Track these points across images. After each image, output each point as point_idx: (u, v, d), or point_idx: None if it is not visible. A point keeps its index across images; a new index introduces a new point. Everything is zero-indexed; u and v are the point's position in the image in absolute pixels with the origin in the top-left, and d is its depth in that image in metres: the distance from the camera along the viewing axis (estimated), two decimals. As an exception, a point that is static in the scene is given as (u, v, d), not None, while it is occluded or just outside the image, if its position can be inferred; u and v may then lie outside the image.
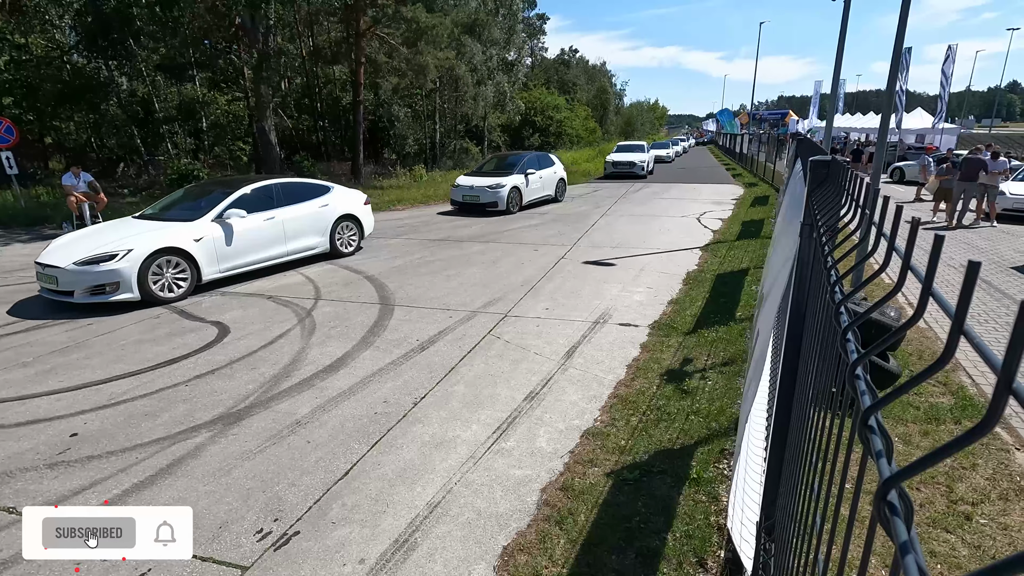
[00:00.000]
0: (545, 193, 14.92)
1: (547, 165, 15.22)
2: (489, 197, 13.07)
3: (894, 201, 0.80)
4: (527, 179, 13.92)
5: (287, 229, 8.03)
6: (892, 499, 0.43)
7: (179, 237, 6.75)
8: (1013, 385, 0.30)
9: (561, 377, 4.51)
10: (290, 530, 2.82)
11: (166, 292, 6.59)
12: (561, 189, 15.75)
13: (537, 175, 14.36)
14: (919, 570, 0.36)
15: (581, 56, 54.03)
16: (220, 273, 7.19)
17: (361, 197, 9.49)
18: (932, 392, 4.11)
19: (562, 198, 15.66)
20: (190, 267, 6.83)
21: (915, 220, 0.64)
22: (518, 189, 13.53)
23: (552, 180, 15.26)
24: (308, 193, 8.59)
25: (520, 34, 35.51)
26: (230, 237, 7.25)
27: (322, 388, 4.35)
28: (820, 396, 1.09)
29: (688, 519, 2.85)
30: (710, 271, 7.67)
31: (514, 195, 13.37)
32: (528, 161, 14.41)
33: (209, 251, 7.02)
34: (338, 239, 8.86)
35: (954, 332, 0.40)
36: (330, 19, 21.21)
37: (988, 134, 40.17)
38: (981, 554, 2.61)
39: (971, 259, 0.38)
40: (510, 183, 13.28)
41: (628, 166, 22.30)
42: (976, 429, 0.34)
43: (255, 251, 7.61)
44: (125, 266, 6.24)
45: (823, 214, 1.68)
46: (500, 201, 13.02)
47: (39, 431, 3.80)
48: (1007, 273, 7.39)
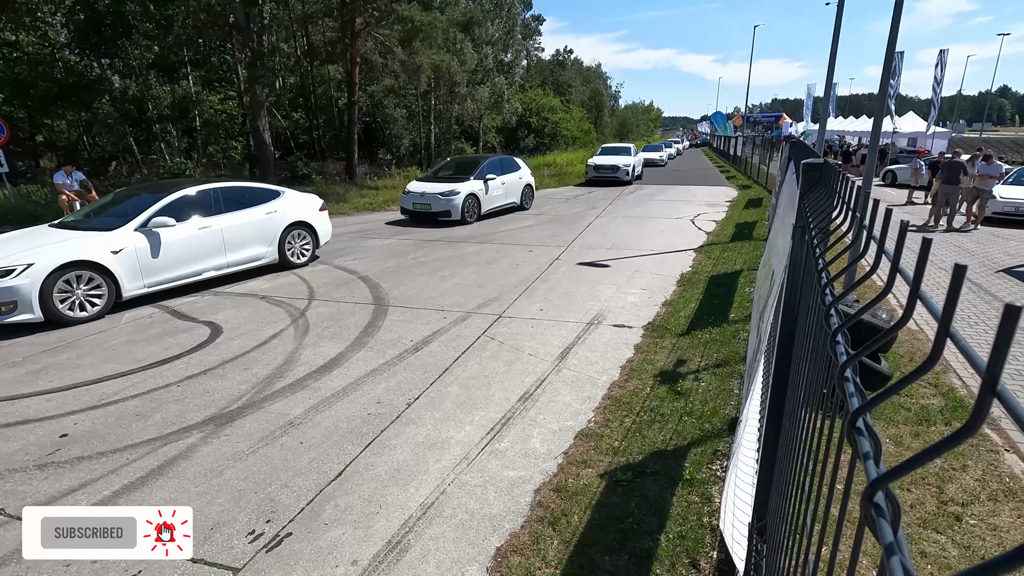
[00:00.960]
0: (509, 201, 13.56)
1: (511, 170, 13.79)
2: (441, 206, 11.74)
3: (886, 204, 0.81)
4: (487, 185, 12.55)
5: (227, 239, 7.27)
6: (879, 500, 0.43)
7: (93, 249, 5.97)
8: (997, 387, 0.31)
9: (555, 378, 4.52)
10: (282, 531, 2.80)
11: (76, 311, 5.83)
12: (528, 196, 14.30)
13: (499, 181, 12.99)
14: (904, 570, 0.36)
15: (576, 57, 54.26)
16: (145, 289, 6.45)
17: (316, 202, 8.75)
18: (923, 394, 4.14)
19: (529, 205, 14.31)
20: (107, 282, 6.07)
21: (904, 223, 0.65)
22: (475, 196, 12.24)
23: (517, 186, 13.83)
24: (253, 199, 7.81)
25: (517, 35, 35.67)
26: (157, 248, 6.48)
27: (315, 389, 4.33)
28: (811, 397, 1.10)
29: (681, 520, 2.85)
30: (704, 273, 7.70)
31: (471, 203, 12.11)
32: (489, 165, 12.98)
33: (131, 264, 6.26)
34: (288, 249, 8.13)
35: (940, 334, 0.40)
36: (325, 19, 21.17)
37: (979, 138, 40.58)
38: (971, 555, 2.63)
39: (957, 263, 0.39)
40: (466, 190, 11.97)
41: (611, 171, 20.24)
42: (962, 431, 0.34)
43: (188, 263, 6.86)
44: (23, 283, 5.48)
45: (815, 216, 1.69)
46: (454, 210, 11.70)
47: (29, 432, 3.76)
48: (996, 276, 7.47)
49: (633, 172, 20.70)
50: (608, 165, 20.38)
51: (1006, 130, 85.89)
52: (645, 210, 14.06)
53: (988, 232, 10.79)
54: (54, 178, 10.92)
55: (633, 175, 20.70)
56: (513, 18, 35.49)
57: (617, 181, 20.21)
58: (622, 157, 20.92)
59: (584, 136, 41.49)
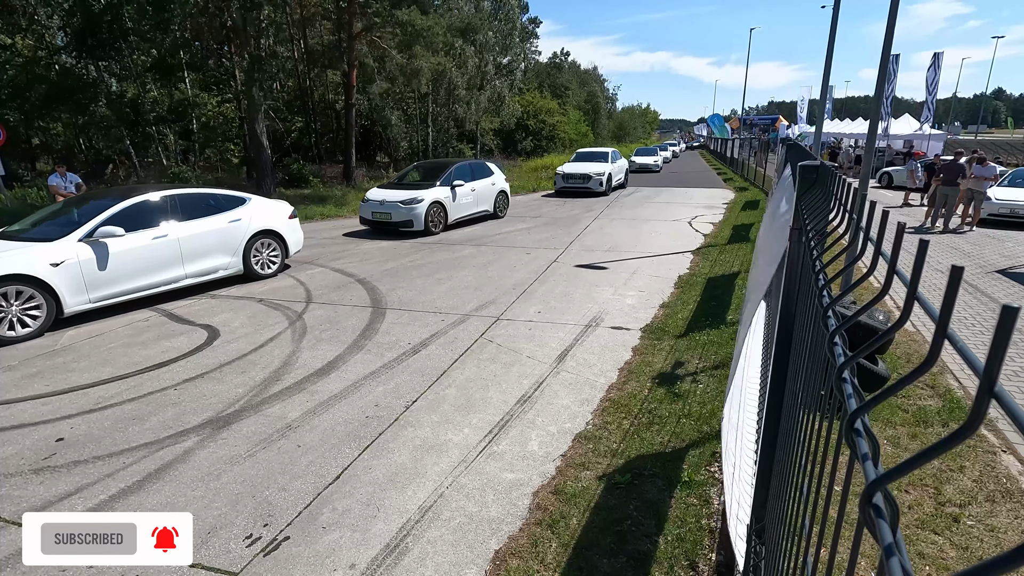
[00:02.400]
0: (480, 209, 12.59)
1: (483, 175, 12.80)
2: (402, 215, 10.72)
3: (882, 206, 0.81)
4: (454, 192, 11.60)
5: (184, 249, 6.84)
6: (877, 501, 0.43)
7: (28, 262, 5.52)
8: (995, 388, 0.31)
9: (553, 380, 4.51)
10: (280, 535, 2.79)
11: (5, 330, 5.41)
12: (502, 203, 13.30)
13: (468, 187, 12.05)
14: (904, 571, 0.36)
15: (573, 60, 54.49)
16: (90, 304, 6.01)
17: (286, 209, 8.34)
18: (920, 395, 4.15)
19: (503, 214, 13.33)
20: (46, 298, 5.64)
21: (901, 224, 0.65)
22: (441, 205, 11.22)
23: (489, 193, 12.83)
24: (215, 206, 7.42)
25: (516, 39, 35.86)
26: (104, 260, 6.04)
27: (313, 392, 4.32)
28: (809, 399, 1.10)
29: (680, 522, 2.85)
30: (701, 275, 7.71)
31: (436, 212, 11.09)
32: (457, 171, 12.05)
33: (74, 277, 5.81)
34: (255, 258, 7.73)
35: (938, 336, 0.40)
36: (323, 22, 21.18)
37: (974, 140, 40.81)
38: (969, 555, 2.63)
39: (954, 264, 0.39)
40: (430, 197, 10.94)
41: (581, 180, 17.84)
42: (960, 432, 0.34)
43: (141, 276, 6.41)
44: None
45: (812, 218, 1.70)
46: (416, 220, 10.70)
47: (24, 436, 3.74)
48: (993, 277, 7.50)
49: (608, 182, 18.06)
50: (578, 174, 18.02)
51: (1001, 132, 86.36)
52: (643, 212, 14.09)
53: (983, 234, 10.84)
54: (48, 180, 10.90)
55: (609, 185, 18.16)
56: (512, 21, 35.68)
57: (588, 192, 17.86)
58: (596, 164, 18.47)
59: (582, 139, 41.66)
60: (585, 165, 18.39)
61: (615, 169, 18.90)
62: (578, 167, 18.31)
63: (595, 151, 20.22)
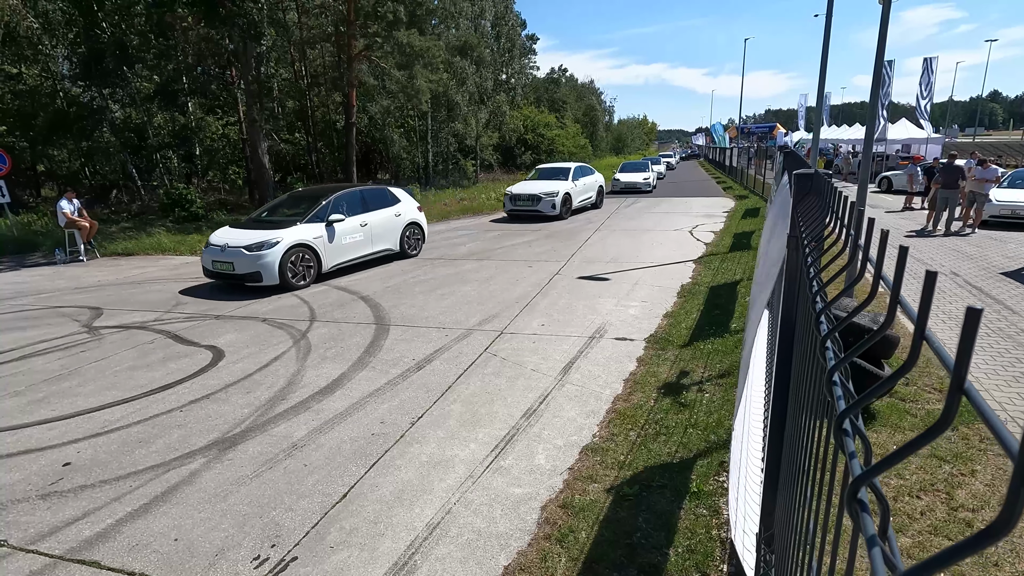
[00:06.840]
0: (378, 248, 9.65)
1: (381, 204, 9.87)
2: (246, 266, 7.82)
3: (882, 210, 0.83)
4: (331, 230, 8.68)
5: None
6: (862, 497, 0.45)
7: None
8: (964, 386, 0.33)
9: (558, 393, 4.51)
10: (288, 556, 2.78)
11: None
12: (414, 238, 10.49)
13: (355, 221, 9.15)
14: (885, 560, 0.37)
15: (571, 75, 55.13)
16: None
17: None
18: (928, 399, 4.13)
19: (416, 252, 10.55)
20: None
21: (884, 231, 0.67)
22: (308, 248, 8.32)
23: (393, 227, 9.95)
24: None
25: (516, 54, 36.47)
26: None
27: (318, 410, 4.33)
28: (811, 404, 1.11)
29: (690, 533, 2.83)
30: (704, 283, 7.72)
31: (299, 259, 8.18)
32: (336, 201, 9.00)
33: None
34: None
35: (917, 337, 0.42)
36: (323, 43, 21.53)
37: (972, 142, 40.91)
38: (984, 560, 2.60)
39: (928, 269, 0.41)
40: (290, 239, 8.08)
41: (529, 202, 14.72)
42: (933, 428, 0.36)
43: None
44: None
45: (807, 225, 1.72)
46: (265, 271, 7.80)
47: (31, 461, 3.75)
48: (997, 279, 7.48)
49: (565, 203, 14.85)
50: (526, 195, 14.84)
51: (999, 134, 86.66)
52: (643, 223, 14.14)
53: (985, 236, 10.83)
54: (60, 206, 11.12)
55: (567, 207, 14.95)
56: (512, 40, 36.30)
57: (539, 216, 14.78)
58: (550, 183, 15.23)
59: (580, 151, 41.97)
60: (537, 185, 15.36)
61: (577, 188, 15.68)
62: (528, 187, 15.32)
63: (555, 167, 16.79)
